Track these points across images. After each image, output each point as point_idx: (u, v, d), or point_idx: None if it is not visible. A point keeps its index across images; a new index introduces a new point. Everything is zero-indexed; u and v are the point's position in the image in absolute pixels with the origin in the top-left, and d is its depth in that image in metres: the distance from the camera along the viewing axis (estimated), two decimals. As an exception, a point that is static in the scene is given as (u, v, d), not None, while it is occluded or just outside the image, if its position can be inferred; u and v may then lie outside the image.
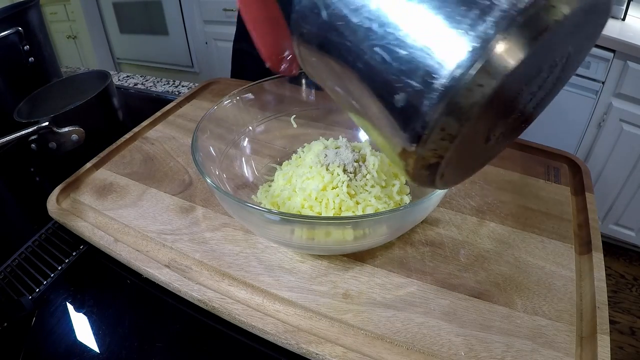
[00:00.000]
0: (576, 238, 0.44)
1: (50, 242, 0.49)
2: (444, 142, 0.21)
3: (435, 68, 0.19)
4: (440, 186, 0.26)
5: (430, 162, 0.23)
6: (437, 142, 0.21)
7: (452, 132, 0.21)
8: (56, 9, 2.28)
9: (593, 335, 0.34)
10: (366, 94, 0.24)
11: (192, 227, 0.47)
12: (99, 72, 0.72)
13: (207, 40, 2.13)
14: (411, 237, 0.44)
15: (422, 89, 0.20)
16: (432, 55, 0.20)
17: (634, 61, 1.19)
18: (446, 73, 0.19)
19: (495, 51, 0.18)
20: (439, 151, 0.22)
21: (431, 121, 0.20)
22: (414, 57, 0.20)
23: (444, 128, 0.21)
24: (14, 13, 0.70)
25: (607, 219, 1.47)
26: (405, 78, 0.21)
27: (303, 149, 0.53)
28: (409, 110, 0.21)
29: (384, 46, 0.21)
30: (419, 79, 0.20)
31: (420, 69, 0.20)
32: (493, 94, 0.19)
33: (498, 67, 0.19)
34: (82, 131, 0.60)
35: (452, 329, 0.36)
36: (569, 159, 0.55)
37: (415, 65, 0.20)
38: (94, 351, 0.37)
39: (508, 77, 0.19)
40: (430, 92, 0.20)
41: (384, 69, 0.22)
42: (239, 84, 0.73)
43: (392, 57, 0.21)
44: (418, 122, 0.21)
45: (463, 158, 0.26)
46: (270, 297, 0.39)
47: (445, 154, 0.22)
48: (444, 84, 0.19)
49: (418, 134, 0.21)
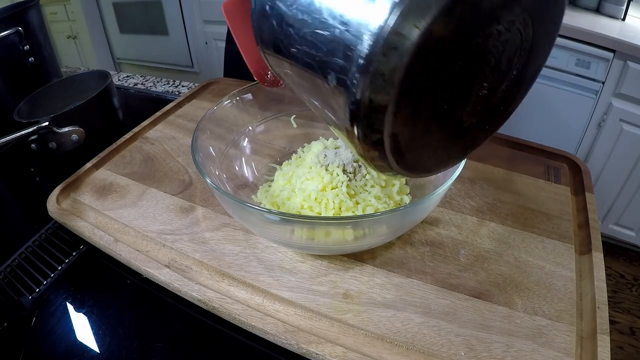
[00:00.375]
0: (576, 238, 0.44)
1: (50, 242, 0.49)
2: (378, 114, 0.21)
3: (352, 40, 0.20)
4: (404, 172, 0.25)
5: (373, 139, 0.22)
6: (371, 115, 0.21)
7: (382, 101, 0.20)
8: (56, 9, 2.28)
9: (593, 335, 0.34)
10: (311, 84, 0.25)
11: (192, 227, 0.47)
12: (99, 72, 0.72)
13: (207, 40, 2.13)
14: (411, 237, 0.44)
15: (345, 63, 0.21)
16: (349, 29, 0.20)
17: (634, 61, 1.19)
18: (360, 41, 0.19)
19: (404, 11, 0.18)
20: (377, 125, 0.22)
21: (357, 93, 0.20)
22: (335, 35, 0.21)
23: (371, 99, 0.20)
24: (14, 13, 0.70)
25: (607, 219, 1.47)
26: (332, 57, 0.21)
27: (303, 149, 0.53)
28: (340, 89, 0.22)
29: (314, 32, 0.22)
30: (341, 55, 0.21)
31: (341, 44, 0.20)
32: (412, 56, 0.19)
33: (409, 27, 0.18)
34: (82, 131, 0.60)
35: (452, 329, 0.36)
36: (569, 159, 0.55)
37: (337, 43, 0.21)
38: (94, 351, 0.37)
39: (425, 38, 0.18)
40: (351, 64, 0.20)
41: (317, 54, 0.22)
42: (239, 84, 0.73)
43: (320, 40, 0.22)
44: (348, 98, 0.21)
45: (426, 140, 0.25)
46: (270, 297, 0.39)
47: (384, 128, 0.22)
48: (360, 53, 0.20)
49: (350, 110, 0.22)
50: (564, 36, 1.23)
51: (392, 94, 0.20)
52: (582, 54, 1.24)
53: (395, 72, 0.19)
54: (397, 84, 0.20)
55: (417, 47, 0.19)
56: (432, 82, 0.22)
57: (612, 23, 1.32)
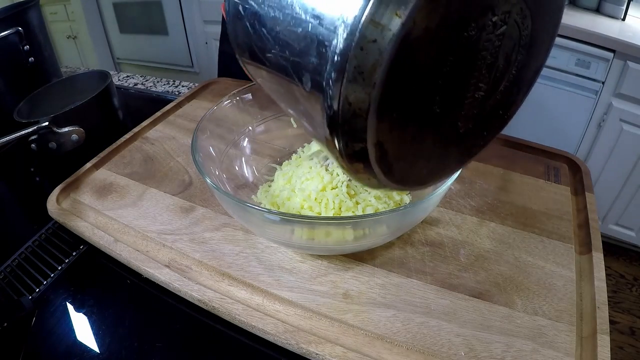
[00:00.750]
0: (576, 238, 0.44)
1: (50, 242, 0.49)
2: (358, 119, 0.18)
3: (325, 35, 0.17)
4: (394, 185, 0.22)
5: (355, 149, 0.20)
6: (351, 121, 0.18)
7: (362, 104, 0.18)
8: (56, 9, 2.28)
9: (593, 335, 0.34)
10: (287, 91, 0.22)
11: (192, 227, 0.47)
12: (99, 72, 0.72)
13: (207, 40, 2.13)
14: (411, 237, 0.44)
15: (319, 62, 0.18)
16: (322, 22, 0.18)
17: (634, 61, 1.19)
18: (335, 35, 0.17)
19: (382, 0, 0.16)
20: (358, 132, 0.19)
21: (333, 94, 0.18)
22: (307, 31, 0.18)
23: (350, 101, 0.18)
24: (14, 13, 0.70)
25: (607, 219, 1.47)
26: (305, 57, 0.19)
27: (303, 149, 0.53)
28: (315, 92, 0.19)
29: (286, 30, 0.20)
30: (315, 53, 0.18)
31: (315, 41, 0.18)
32: (394, 50, 0.16)
33: (389, 16, 0.16)
34: (82, 131, 0.60)
35: (452, 329, 0.36)
36: (569, 159, 0.55)
37: (310, 39, 0.18)
38: (94, 351, 0.37)
39: (408, 28, 0.16)
40: (326, 62, 0.18)
41: (290, 55, 0.20)
42: (239, 84, 0.73)
43: (292, 38, 0.19)
44: (324, 101, 0.18)
45: (417, 148, 0.22)
46: (270, 297, 0.39)
47: (367, 135, 0.19)
48: (334, 49, 0.17)
49: (327, 115, 0.19)
50: (564, 36, 1.23)
51: (374, 95, 0.17)
52: (582, 54, 1.24)
53: (375, 69, 0.17)
54: (378, 83, 0.17)
55: (400, 39, 0.16)
56: (419, 80, 0.19)
57: (612, 23, 1.32)
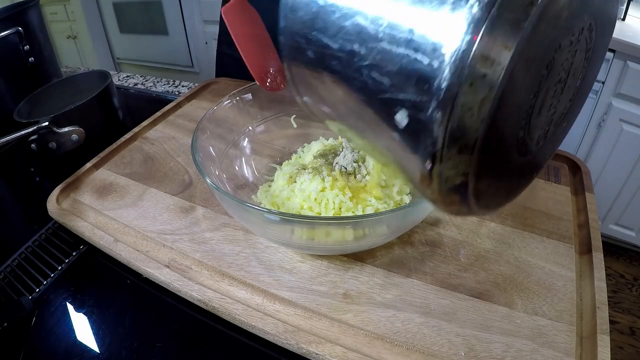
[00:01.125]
0: (576, 238, 0.44)
1: (50, 242, 0.49)
2: (463, 155, 0.18)
3: (427, 71, 0.17)
4: (481, 212, 0.22)
5: (455, 183, 0.19)
6: (456, 156, 0.18)
7: (469, 140, 0.17)
8: (56, 9, 2.28)
9: (593, 335, 0.34)
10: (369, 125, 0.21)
11: (192, 227, 0.47)
12: (99, 72, 0.72)
13: (207, 40, 2.13)
14: (411, 237, 0.44)
15: (420, 98, 0.17)
16: (421, 58, 0.17)
17: (634, 61, 1.19)
18: (440, 72, 0.16)
19: (491, 32, 0.15)
20: (462, 167, 0.18)
21: (440, 132, 0.17)
22: (402, 66, 0.17)
23: (457, 137, 0.17)
24: (14, 13, 0.70)
25: (607, 219, 1.47)
26: (400, 93, 0.18)
27: (303, 149, 0.53)
28: (413, 128, 0.18)
29: (371, 64, 0.18)
30: (414, 89, 0.17)
31: (412, 76, 0.17)
32: (504, 84, 0.16)
33: (498, 49, 0.15)
34: (82, 131, 0.60)
35: (452, 329, 0.36)
36: (569, 159, 0.55)
37: (406, 75, 0.17)
38: (94, 351, 0.37)
39: (515, 60, 0.15)
40: (429, 99, 0.17)
41: (377, 90, 0.19)
42: (239, 84, 0.73)
43: (381, 72, 0.18)
44: (427, 139, 0.18)
45: (501, 172, 0.22)
46: (270, 297, 0.39)
47: (470, 170, 0.18)
48: (440, 86, 0.16)
49: (430, 152, 0.18)
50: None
51: (482, 130, 0.17)
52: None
53: (485, 105, 0.16)
54: (487, 118, 0.16)
55: (510, 72, 0.16)
56: (517, 109, 0.19)
57: (612, 23, 1.32)
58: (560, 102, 0.22)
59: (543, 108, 0.21)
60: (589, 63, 0.23)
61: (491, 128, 0.17)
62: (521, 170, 0.24)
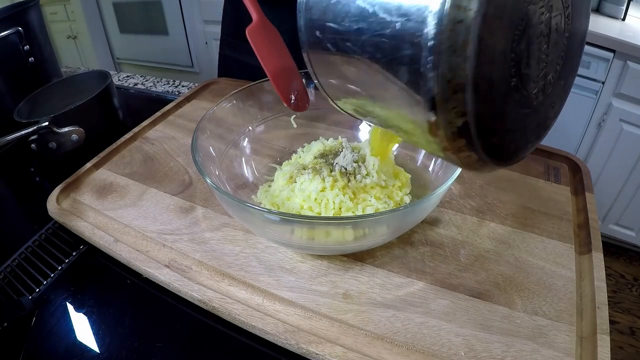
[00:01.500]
0: (576, 238, 0.44)
1: (50, 242, 0.49)
2: (458, 94, 0.21)
3: (416, 27, 0.20)
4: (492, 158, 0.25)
5: (458, 125, 0.22)
6: (452, 97, 0.21)
7: (460, 79, 0.20)
8: (56, 9, 2.28)
9: (593, 335, 0.34)
10: (381, 92, 0.25)
11: (192, 227, 0.47)
12: (99, 72, 0.72)
13: (207, 40, 2.13)
14: (411, 237, 0.44)
15: (414, 52, 0.21)
16: (410, 18, 0.21)
17: (634, 61, 1.19)
18: (425, 25, 0.20)
19: None
20: (459, 107, 0.21)
21: (433, 76, 0.20)
22: (397, 30, 0.21)
23: (449, 78, 0.20)
24: (14, 13, 0.70)
25: (607, 219, 1.47)
26: (398, 52, 0.22)
27: (303, 149, 0.53)
28: (413, 81, 0.22)
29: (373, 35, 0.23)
30: (408, 45, 0.21)
31: (406, 36, 0.21)
32: (478, 26, 0.19)
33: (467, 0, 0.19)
34: (82, 131, 0.60)
35: (452, 329, 0.36)
36: (569, 158, 0.55)
37: (401, 36, 0.21)
38: (94, 351, 0.37)
39: (484, 5, 0.19)
40: (420, 50, 0.20)
41: (381, 55, 0.23)
42: (239, 84, 0.73)
43: (381, 39, 0.22)
44: (425, 86, 0.21)
45: (502, 120, 0.24)
46: (270, 297, 0.39)
47: (467, 109, 0.21)
48: (427, 36, 0.20)
49: (430, 97, 0.21)
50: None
51: (469, 68, 0.20)
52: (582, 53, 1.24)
53: (467, 45, 0.20)
54: (470, 57, 0.20)
55: (482, 16, 0.19)
56: (501, 51, 0.22)
57: (612, 23, 1.32)
58: (550, 57, 0.25)
59: (531, 59, 0.24)
60: (570, 19, 0.26)
61: (478, 68, 0.20)
62: (526, 124, 0.26)
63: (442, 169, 0.45)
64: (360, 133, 0.56)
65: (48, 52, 0.79)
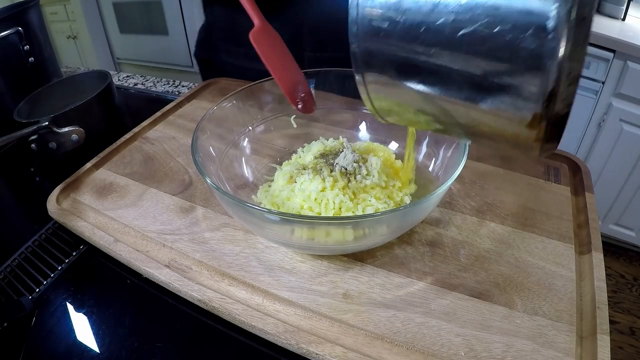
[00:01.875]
0: (576, 238, 0.44)
1: (50, 242, 0.49)
2: (571, 87, 0.22)
3: (538, 21, 0.21)
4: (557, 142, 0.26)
5: (562, 114, 0.23)
6: (566, 89, 0.22)
7: (576, 72, 0.21)
8: (56, 9, 2.28)
9: (593, 335, 0.34)
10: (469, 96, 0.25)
11: (192, 227, 0.47)
12: (99, 72, 0.72)
13: (207, 41, 2.12)
14: (411, 237, 0.44)
15: (537, 48, 0.21)
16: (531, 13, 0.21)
17: (634, 61, 1.19)
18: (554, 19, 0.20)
19: None
20: (569, 98, 0.22)
21: (557, 71, 0.21)
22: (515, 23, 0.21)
23: (568, 72, 0.21)
24: (14, 13, 0.70)
25: (607, 219, 1.47)
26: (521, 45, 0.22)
27: (303, 149, 0.53)
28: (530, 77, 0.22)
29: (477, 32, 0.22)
30: (532, 39, 0.21)
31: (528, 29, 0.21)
32: (590, 19, 0.20)
33: None
34: (82, 131, 0.60)
35: (452, 329, 0.36)
36: (569, 159, 0.55)
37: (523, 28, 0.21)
38: (94, 351, 0.37)
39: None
40: (547, 44, 0.21)
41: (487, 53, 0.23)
42: (239, 84, 0.73)
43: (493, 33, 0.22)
44: (546, 81, 0.22)
45: None
46: (270, 297, 0.39)
47: (571, 99, 0.22)
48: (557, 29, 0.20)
49: (549, 90, 0.22)
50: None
51: (582, 62, 0.21)
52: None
53: (586, 41, 0.20)
54: (586, 50, 0.21)
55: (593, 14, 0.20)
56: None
57: (612, 23, 1.32)
58: None
59: None
60: None
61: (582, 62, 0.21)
62: None
63: (442, 169, 0.45)
64: (360, 133, 0.56)
65: (48, 52, 0.79)
